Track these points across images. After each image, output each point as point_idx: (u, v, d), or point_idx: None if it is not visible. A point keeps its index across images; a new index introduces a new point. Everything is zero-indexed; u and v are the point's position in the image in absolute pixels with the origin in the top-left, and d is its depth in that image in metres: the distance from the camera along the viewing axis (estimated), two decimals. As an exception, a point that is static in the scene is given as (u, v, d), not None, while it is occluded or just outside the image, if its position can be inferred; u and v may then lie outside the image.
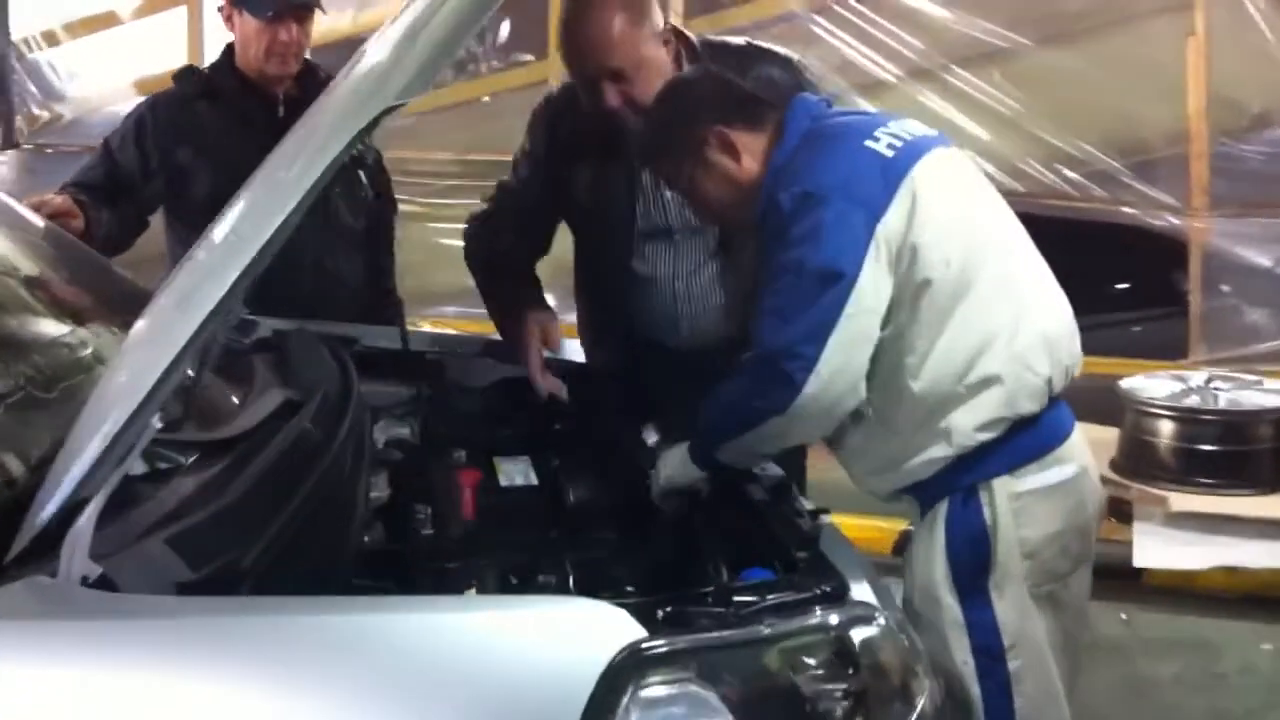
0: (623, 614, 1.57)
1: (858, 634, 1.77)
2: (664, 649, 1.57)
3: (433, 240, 6.49)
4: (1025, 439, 2.14)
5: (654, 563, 2.33)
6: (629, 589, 2.24)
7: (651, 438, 2.56)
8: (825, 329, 2.02)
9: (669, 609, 1.67)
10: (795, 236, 2.06)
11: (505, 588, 2.27)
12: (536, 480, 2.62)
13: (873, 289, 2.05)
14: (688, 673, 1.57)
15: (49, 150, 6.70)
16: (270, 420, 1.99)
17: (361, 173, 3.39)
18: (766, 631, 1.65)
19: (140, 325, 1.78)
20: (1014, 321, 2.12)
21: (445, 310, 6.78)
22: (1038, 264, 2.27)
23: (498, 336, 2.95)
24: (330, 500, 1.86)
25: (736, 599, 1.73)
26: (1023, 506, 2.12)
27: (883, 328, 2.08)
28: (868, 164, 2.12)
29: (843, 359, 2.04)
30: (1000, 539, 2.11)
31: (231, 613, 1.48)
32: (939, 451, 2.11)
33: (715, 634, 1.63)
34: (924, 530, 2.19)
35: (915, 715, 1.81)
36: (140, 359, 1.64)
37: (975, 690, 2.13)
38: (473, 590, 2.16)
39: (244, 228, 1.70)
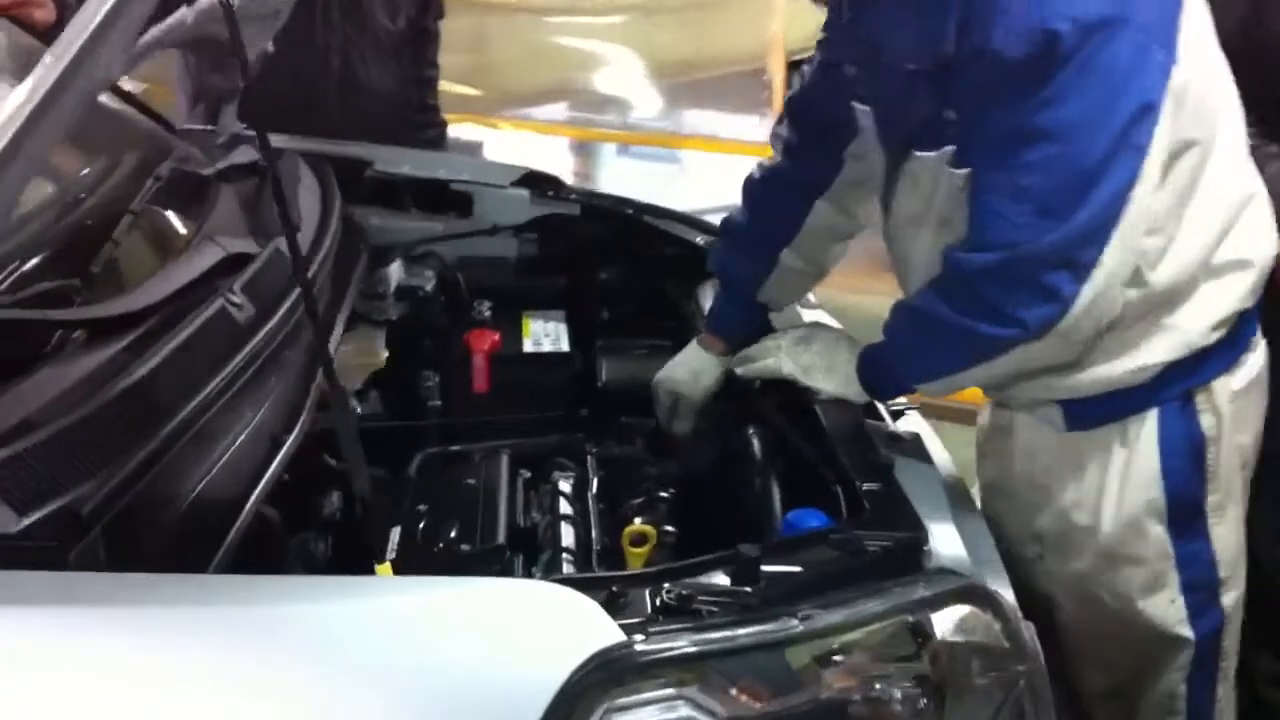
0: (593, 607, 1.12)
1: (938, 616, 1.31)
2: (649, 656, 1.12)
3: (526, 35, 5.98)
4: (1246, 327, 1.68)
5: (692, 466, 1.89)
6: (661, 495, 1.82)
7: (709, 300, 2.09)
8: (1110, 223, 1.47)
9: (666, 589, 1.21)
10: (1061, 87, 1.45)
11: (513, 480, 1.86)
12: (568, 345, 2.18)
13: (1160, 157, 1.50)
14: (682, 688, 1.12)
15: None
16: (198, 284, 1.55)
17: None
18: (800, 628, 1.18)
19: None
20: (1252, 185, 1.64)
21: (532, 112, 6.30)
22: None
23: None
24: (243, 408, 1.42)
25: (767, 569, 1.27)
26: (1238, 408, 1.67)
27: None
28: None
29: (1121, 258, 1.50)
30: (1223, 450, 1.66)
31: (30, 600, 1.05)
32: (1156, 356, 1.61)
33: (726, 632, 1.16)
34: (1109, 450, 1.67)
35: (1004, 703, 1.37)
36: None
37: (1183, 633, 1.69)
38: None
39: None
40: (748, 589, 1.24)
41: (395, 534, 1.74)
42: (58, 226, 1.61)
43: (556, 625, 1.11)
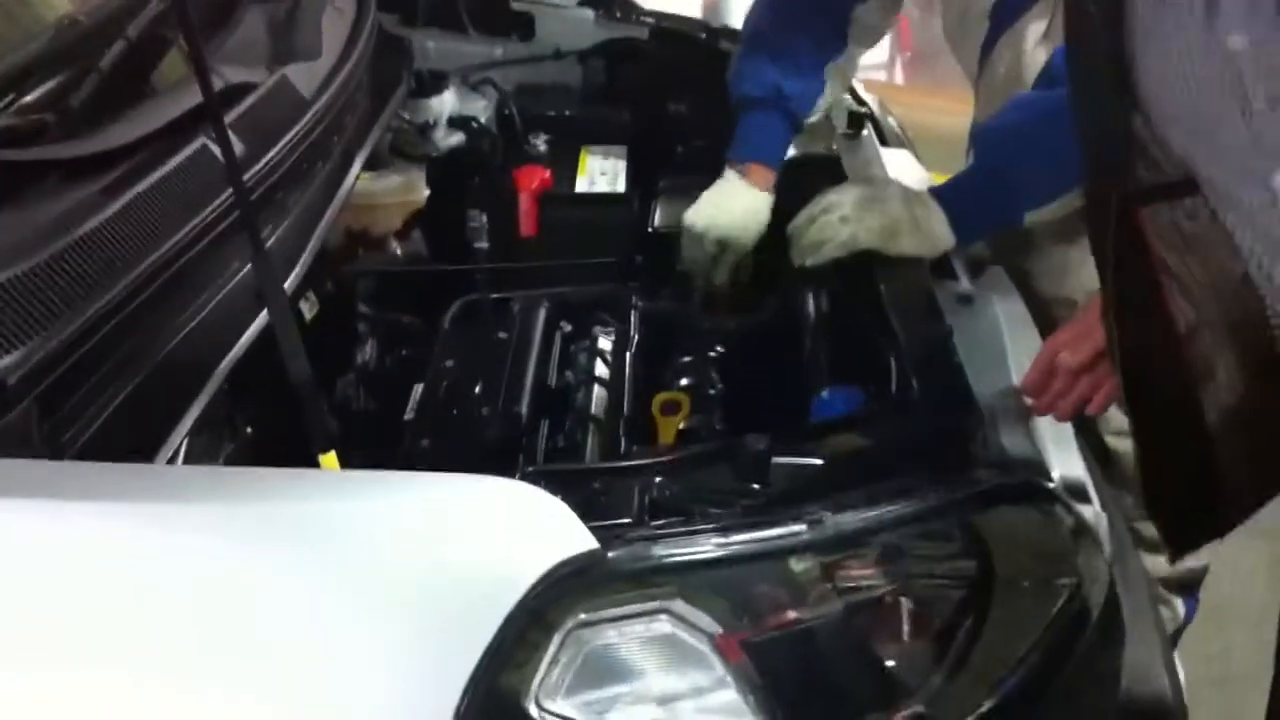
0: (561, 509, 0.97)
1: (985, 516, 1.14)
2: (624, 565, 0.97)
3: None
4: None
5: (746, 325, 1.72)
6: (710, 355, 1.66)
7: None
8: None
9: (657, 483, 1.05)
10: None
11: (549, 335, 1.71)
12: (625, 185, 2.00)
13: None
14: (662, 601, 0.98)
15: None
16: (185, 121, 1.40)
17: None
18: (807, 534, 1.02)
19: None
20: None
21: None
22: None
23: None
24: (227, 259, 1.28)
25: (778, 461, 1.10)
26: None
27: None
28: None
29: None
30: None
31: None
32: None
33: (718, 538, 1.01)
34: None
35: (1055, 609, 1.21)
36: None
37: None
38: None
39: None
40: (754, 485, 1.08)
41: (417, 390, 1.61)
42: (44, 55, 1.47)
43: (518, 531, 0.97)
